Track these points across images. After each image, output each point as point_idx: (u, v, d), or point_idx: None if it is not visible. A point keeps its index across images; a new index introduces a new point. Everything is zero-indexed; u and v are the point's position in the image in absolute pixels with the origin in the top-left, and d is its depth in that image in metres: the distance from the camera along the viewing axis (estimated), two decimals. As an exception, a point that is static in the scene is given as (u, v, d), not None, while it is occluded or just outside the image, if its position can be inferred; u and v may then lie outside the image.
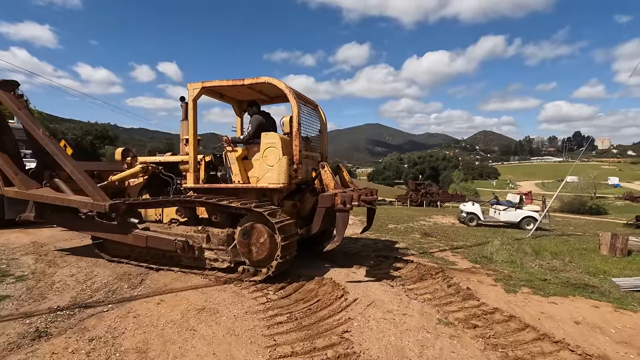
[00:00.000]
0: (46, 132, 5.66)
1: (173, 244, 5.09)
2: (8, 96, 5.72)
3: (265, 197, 5.41)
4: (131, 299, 4.28)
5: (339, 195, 4.98)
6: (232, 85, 5.61)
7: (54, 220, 6.16)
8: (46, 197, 5.60)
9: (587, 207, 33.10)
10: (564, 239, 9.92)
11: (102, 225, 5.64)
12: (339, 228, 5.02)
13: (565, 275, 5.82)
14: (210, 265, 5.18)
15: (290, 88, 5.36)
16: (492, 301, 4.49)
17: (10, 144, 6.01)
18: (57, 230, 8.42)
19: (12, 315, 3.74)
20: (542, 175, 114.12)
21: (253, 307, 4.08)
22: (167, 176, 6.25)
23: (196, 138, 5.63)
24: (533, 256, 7.12)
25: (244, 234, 4.86)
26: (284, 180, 5.09)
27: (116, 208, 5.23)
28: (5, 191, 5.86)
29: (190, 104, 5.62)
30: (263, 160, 5.27)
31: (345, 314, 3.94)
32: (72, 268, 5.48)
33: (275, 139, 5.24)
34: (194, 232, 5.28)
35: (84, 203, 5.37)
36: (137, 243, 5.36)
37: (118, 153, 6.82)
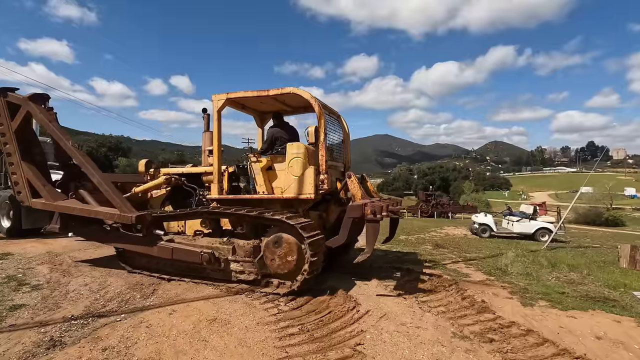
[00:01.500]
0: (75, 144, 5.75)
1: (199, 256, 5.00)
2: (40, 109, 5.85)
3: (291, 207, 5.30)
4: (144, 309, 4.29)
5: (368, 206, 4.83)
6: (257, 96, 5.61)
7: (79, 232, 6.16)
8: (73, 208, 5.62)
9: (603, 218, 32.31)
10: (581, 251, 9.67)
11: (127, 237, 5.63)
12: (370, 239, 4.87)
13: (584, 288, 5.65)
14: (236, 278, 5.07)
15: (315, 98, 5.34)
16: (509, 314, 4.37)
17: (38, 156, 6.15)
18: (71, 240, 8.56)
19: (28, 324, 3.79)
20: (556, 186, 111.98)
21: (264, 318, 4.05)
22: (190, 187, 6.22)
23: (220, 149, 5.62)
24: (549, 268, 6.94)
25: (275, 243, 4.76)
26: (310, 191, 5.03)
27: (143, 220, 5.20)
28: (32, 203, 5.89)
29: (215, 116, 5.60)
30: (289, 171, 5.22)
31: (357, 326, 3.88)
32: (86, 277, 5.55)
33: (301, 149, 5.19)
34: (219, 244, 5.20)
35: (110, 214, 5.34)
36: (162, 255, 5.29)
37: (142, 165, 6.84)
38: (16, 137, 5.88)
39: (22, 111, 5.86)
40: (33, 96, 5.93)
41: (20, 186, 5.96)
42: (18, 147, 5.88)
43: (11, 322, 3.82)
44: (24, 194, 5.94)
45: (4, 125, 5.93)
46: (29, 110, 5.82)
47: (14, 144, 5.89)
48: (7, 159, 5.96)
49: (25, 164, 5.87)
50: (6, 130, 5.91)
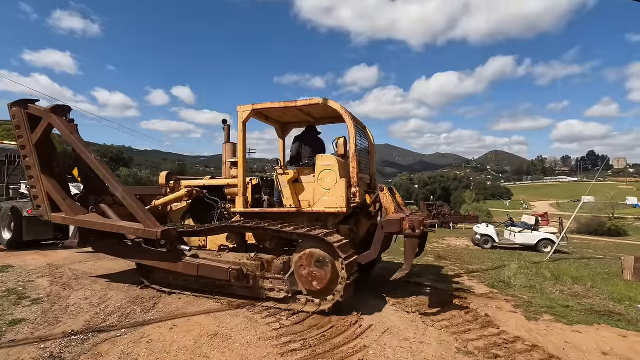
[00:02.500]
0: (98, 157, 5.63)
1: (227, 273, 4.77)
2: (62, 121, 5.71)
3: (319, 221, 5.11)
4: (144, 323, 4.26)
5: (406, 220, 4.61)
6: (284, 107, 5.47)
7: (99, 247, 5.98)
8: (94, 223, 5.43)
9: (605, 228, 32.14)
10: (584, 263, 9.60)
11: (149, 252, 5.45)
12: (408, 255, 4.64)
13: (588, 301, 5.59)
14: (265, 295, 4.87)
15: (345, 109, 5.21)
16: (513, 329, 4.32)
17: (58, 169, 5.98)
18: (72, 252, 8.54)
19: (28, 339, 3.75)
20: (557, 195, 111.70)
21: (266, 333, 4.01)
22: (212, 200, 6.03)
23: (245, 161, 5.44)
24: (553, 281, 6.88)
25: (308, 260, 4.58)
26: (342, 204, 4.84)
27: (168, 235, 5.01)
28: (52, 217, 5.71)
29: (240, 127, 5.42)
30: (318, 184, 5.05)
31: (360, 342, 3.84)
32: (87, 291, 5.51)
33: (331, 161, 5.05)
34: (246, 260, 5.00)
35: (134, 230, 5.16)
36: (188, 272, 5.07)
37: (162, 177, 6.65)
38: (36, 149, 5.74)
39: (43, 123, 5.73)
40: (55, 108, 5.78)
41: (39, 200, 5.78)
42: (38, 160, 5.73)
43: (11, 337, 3.79)
44: (43, 208, 5.77)
45: (24, 137, 5.78)
46: (50, 122, 5.69)
47: (34, 157, 5.73)
48: (26, 172, 5.82)
49: (45, 178, 5.70)
50: (26, 142, 5.77)
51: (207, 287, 5.25)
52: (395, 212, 5.04)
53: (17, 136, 5.82)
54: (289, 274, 4.74)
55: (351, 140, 5.13)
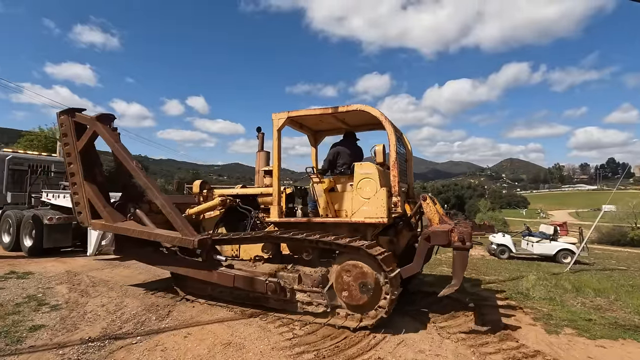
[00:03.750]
0: (139, 165, 5.67)
1: (264, 285, 4.68)
2: (106, 129, 5.81)
3: (358, 232, 4.90)
4: (159, 331, 4.29)
5: (455, 232, 4.36)
6: (321, 114, 5.35)
7: (134, 254, 6.01)
8: (132, 230, 5.47)
9: (628, 238, 30.91)
10: (607, 274, 9.25)
11: (185, 261, 5.42)
12: (457, 269, 4.37)
13: (612, 315, 5.38)
14: (302, 309, 4.70)
15: (384, 115, 5.04)
16: (533, 343, 4.19)
17: (99, 176, 6.08)
18: (89, 260, 8.71)
19: (47, 345, 3.83)
20: (576, 204, 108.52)
21: (279, 343, 3.99)
22: (245, 209, 5.98)
23: (280, 169, 5.33)
24: (574, 293, 6.65)
25: (349, 273, 4.40)
26: (383, 214, 4.62)
27: (204, 244, 4.96)
28: (92, 224, 5.81)
29: (275, 135, 5.31)
30: (357, 193, 4.85)
31: (374, 353, 3.78)
32: (103, 298, 5.61)
33: (371, 169, 4.87)
34: (283, 272, 4.85)
35: (171, 238, 5.12)
36: (222, 282, 4.98)
37: (196, 185, 6.63)
38: (81, 157, 5.86)
39: (88, 131, 5.86)
40: (100, 116, 5.87)
41: (81, 206, 5.86)
42: (82, 167, 5.83)
43: (31, 343, 3.87)
44: (84, 215, 5.85)
45: (70, 145, 5.91)
46: (95, 130, 5.80)
47: (78, 164, 5.84)
48: (70, 179, 5.93)
49: (87, 184, 5.81)
50: (72, 150, 5.89)
51: (240, 298, 5.13)
52: (439, 223, 4.77)
53: (63, 144, 5.98)
54: (327, 287, 4.55)
55: (391, 148, 4.94)
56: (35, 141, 27.88)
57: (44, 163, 12.57)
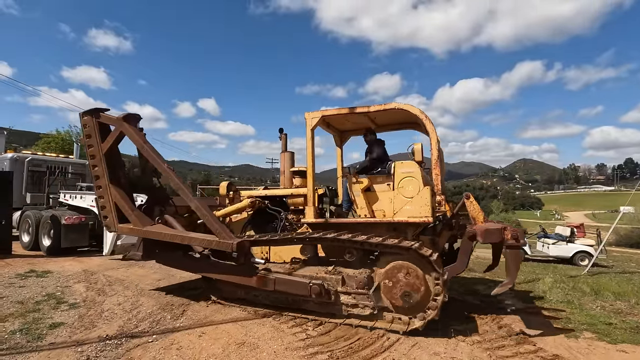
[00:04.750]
0: (170, 167, 5.44)
1: (307, 288, 4.52)
2: (134, 130, 5.59)
3: (396, 232, 4.85)
4: (174, 330, 4.35)
5: (508, 230, 4.32)
6: (356, 113, 5.26)
7: (163, 259, 5.80)
8: (164, 234, 5.22)
9: (648, 241, 30.00)
10: (627, 277, 8.99)
11: (219, 265, 5.21)
12: (511, 268, 4.32)
13: (634, 319, 5.22)
14: (347, 312, 4.55)
15: (425, 113, 4.95)
16: (551, 347, 4.09)
17: (124, 179, 5.86)
18: (105, 259, 8.89)
19: (66, 342, 3.92)
20: (592, 205, 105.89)
21: (293, 344, 3.99)
22: (274, 211, 5.89)
23: (314, 170, 5.26)
24: (592, 296, 6.49)
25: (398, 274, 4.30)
26: (427, 213, 4.59)
27: (242, 246, 4.77)
28: (119, 229, 5.58)
29: (308, 135, 5.23)
30: (399, 192, 4.80)
31: (389, 355, 3.75)
32: (120, 297, 5.71)
33: (413, 167, 4.83)
34: (324, 274, 4.69)
35: (207, 241, 4.89)
36: (262, 286, 4.81)
37: (223, 187, 6.49)
38: (106, 159, 5.63)
39: (115, 132, 5.64)
40: (127, 116, 5.63)
41: (106, 211, 5.64)
42: (107, 170, 5.61)
43: (51, 340, 3.96)
44: (110, 220, 5.62)
45: (94, 147, 5.67)
46: (122, 130, 5.56)
47: (103, 167, 5.61)
48: (94, 182, 5.72)
49: (113, 188, 5.58)
50: (96, 152, 5.66)
51: (278, 302, 4.97)
52: (484, 221, 4.74)
53: (87, 145, 5.76)
54: (373, 288, 4.40)
55: (433, 146, 4.88)
56: (52, 143, 28.60)
57: (61, 164, 12.89)
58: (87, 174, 13.58)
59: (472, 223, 4.80)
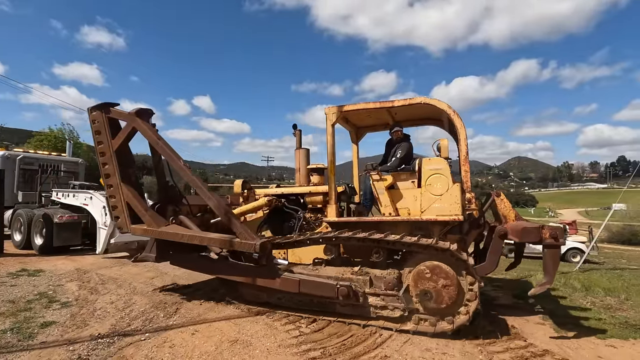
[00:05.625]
0: (187, 164, 5.21)
1: (334, 290, 4.33)
2: (147, 126, 5.32)
3: (421, 230, 4.73)
4: (167, 328, 4.34)
5: (546, 228, 4.21)
6: (379, 107, 5.12)
7: (178, 261, 5.54)
8: (182, 235, 5.00)
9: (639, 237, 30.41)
10: (617, 274, 9.12)
11: (239, 267, 5.00)
12: (549, 267, 4.23)
13: (623, 314, 5.30)
14: (375, 314, 4.38)
15: (452, 108, 4.78)
16: (541, 342, 4.14)
17: (134, 177, 5.62)
18: (98, 258, 8.83)
19: (58, 341, 3.89)
20: (585, 202, 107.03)
21: (286, 341, 4.00)
22: (292, 209, 5.72)
23: (335, 167, 5.13)
24: (583, 292, 6.57)
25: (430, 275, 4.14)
26: (457, 211, 4.45)
27: (265, 247, 4.60)
28: (132, 229, 5.32)
29: (328, 130, 5.09)
30: (426, 189, 4.65)
31: (381, 351, 3.78)
32: (112, 295, 5.68)
33: (442, 164, 4.66)
34: (351, 275, 4.54)
35: (229, 242, 4.71)
36: (286, 288, 4.61)
37: (238, 185, 6.22)
38: (117, 156, 5.37)
39: (126, 128, 5.38)
40: (139, 111, 5.37)
41: (118, 210, 5.40)
42: (118, 167, 5.36)
43: (42, 339, 3.94)
44: (122, 220, 5.39)
45: (104, 144, 5.39)
46: (135, 126, 5.29)
47: (114, 165, 5.35)
48: (105, 180, 5.46)
49: (124, 186, 5.32)
50: (106, 149, 5.38)
51: (304, 304, 4.77)
52: (516, 219, 4.59)
53: (97, 142, 5.47)
54: (403, 289, 4.23)
55: (462, 142, 4.70)
56: (45, 141, 28.29)
57: (53, 163, 12.77)
58: (79, 172, 13.48)
59: (503, 221, 4.64)
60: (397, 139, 5.59)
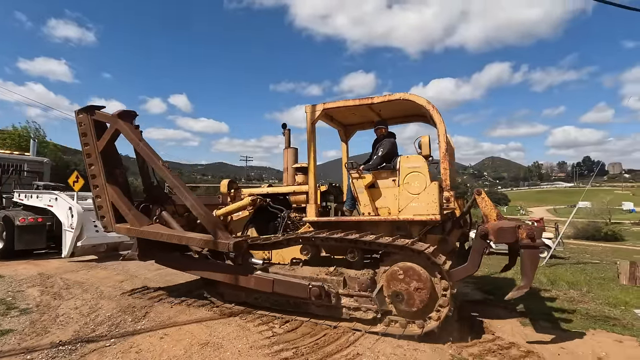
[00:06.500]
0: (166, 164, 5.33)
1: (307, 290, 4.31)
2: (129, 127, 5.48)
3: (401, 230, 4.64)
4: (134, 332, 4.19)
5: (524, 228, 4.03)
6: (358, 105, 5.04)
7: (161, 260, 5.63)
8: (161, 234, 5.12)
9: (602, 233, 32.10)
10: (581, 268, 9.58)
11: (217, 266, 5.07)
12: (527, 269, 4.02)
13: (584, 306, 5.57)
14: (349, 315, 4.33)
15: (432, 104, 4.65)
16: (508, 335, 4.29)
17: (121, 177, 5.75)
18: (64, 262, 8.43)
19: (14, 350, 3.68)
20: (554, 200, 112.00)
21: (258, 342, 3.95)
22: (276, 209, 5.68)
23: (316, 166, 5.07)
24: (549, 286, 6.86)
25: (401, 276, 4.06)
26: (434, 211, 4.31)
27: (239, 247, 4.64)
28: (116, 229, 5.45)
29: (309, 128, 5.03)
30: (404, 188, 4.52)
31: (353, 349, 3.79)
32: (77, 300, 5.43)
33: (420, 162, 4.55)
34: (325, 275, 4.49)
35: (204, 241, 4.79)
36: (260, 288, 4.61)
37: (224, 185, 6.21)
38: (102, 157, 5.52)
39: (110, 129, 5.54)
40: (122, 113, 5.55)
41: (103, 210, 5.50)
42: (104, 168, 5.50)
43: (-4, 348, 3.71)
44: (107, 220, 5.49)
45: (90, 145, 5.54)
46: (117, 128, 5.46)
47: (100, 166, 5.49)
48: (91, 181, 5.57)
49: (110, 187, 5.45)
50: (92, 150, 5.54)
51: (279, 304, 4.75)
52: (497, 219, 4.38)
53: (83, 144, 5.62)
54: (376, 291, 4.14)
55: (441, 138, 4.57)
56: (8, 140, 26.81)
57: (16, 162, 12.11)
58: (44, 172, 12.84)
59: (485, 220, 4.45)
60: (381, 136, 5.50)
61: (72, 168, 28.12)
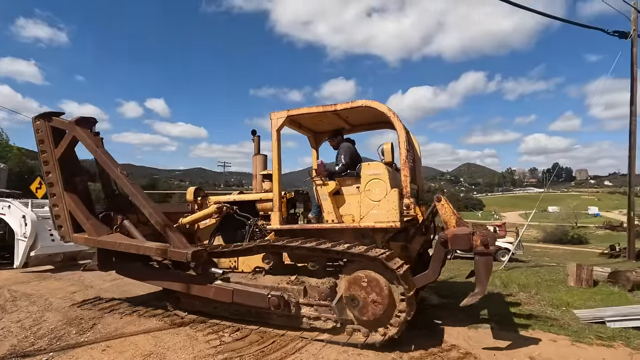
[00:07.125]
0: (124, 172, 5.25)
1: (266, 300, 4.27)
2: (87, 134, 5.40)
3: (365, 238, 4.61)
4: (76, 345, 4.08)
5: (477, 235, 4.04)
6: (322, 112, 5.04)
7: (122, 270, 5.51)
8: (118, 244, 5.05)
9: (569, 237, 33.56)
10: (535, 271, 9.99)
11: (177, 276, 5.04)
12: (481, 276, 4.04)
13: (529, 308, 5.83)
14: (309, 325, 4.31)
15: (393, 111, 4.70)
16: (453, 338, 4.44)
17: (81, 185, 5.65)
18: (16, 272, 8.08)
19: (-60, 368, 3.52)
20: (526, 205, 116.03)
21: (203, 351, 3.93)
22: (243, 217, 5.58)
23: (280, 173, 5.01)
24: (501, 289, 7.14)
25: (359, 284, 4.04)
26: (394, 218, 4.30)
27: (198, 256, 4.57)
28: (74, 238, 5.36)
29: (274, 135, 4.98)
30: (365, 195, 4.52)
31: (298, 356, 3.84)
32: (21, 313, 5.23)
33: (380, 169, 4.55)
34: (286, 284, 4.46)
35: (161, 250, 4.74)
36: (220, 298, 4.56)
37: (190, 192, 6.09)
38: (60, 165, 5.42)
39: (67, 137, 5.43)
40: (80, 120, 5.47)
41: (61, 219, 5.40)
42: (62, 176, 5.40)
43: None
44: (65, 229, 5.39)
45: (47, 152, 5.45)
46: (75, 135, 5.38)
47: (57, 173, 5.40)
48: (48, 189, 5.46)
49: (67, 195, 5.34)
50: (50, 158, 5.44)
51: (240, 314, 4.72)
52: (457, 225, 4.37)
53: (40, 151, 5.50)
54: (336, 300, 4.13)
55: (401, 145, 4.58)
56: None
57: (-31, 168, 11.53)
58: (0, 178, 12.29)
59: (445, 227, 4.44)
60: (336, 147, 5.51)
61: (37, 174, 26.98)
